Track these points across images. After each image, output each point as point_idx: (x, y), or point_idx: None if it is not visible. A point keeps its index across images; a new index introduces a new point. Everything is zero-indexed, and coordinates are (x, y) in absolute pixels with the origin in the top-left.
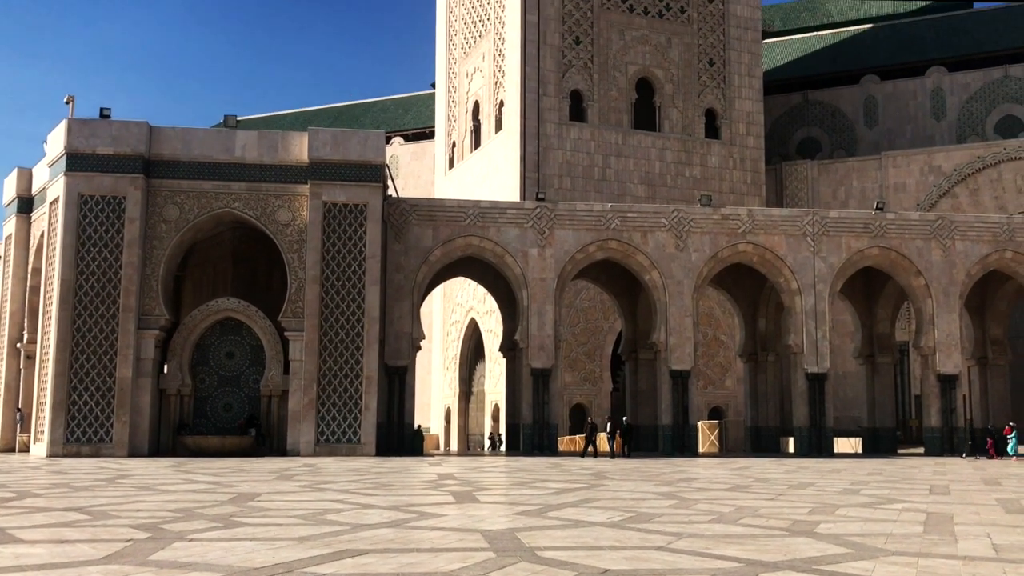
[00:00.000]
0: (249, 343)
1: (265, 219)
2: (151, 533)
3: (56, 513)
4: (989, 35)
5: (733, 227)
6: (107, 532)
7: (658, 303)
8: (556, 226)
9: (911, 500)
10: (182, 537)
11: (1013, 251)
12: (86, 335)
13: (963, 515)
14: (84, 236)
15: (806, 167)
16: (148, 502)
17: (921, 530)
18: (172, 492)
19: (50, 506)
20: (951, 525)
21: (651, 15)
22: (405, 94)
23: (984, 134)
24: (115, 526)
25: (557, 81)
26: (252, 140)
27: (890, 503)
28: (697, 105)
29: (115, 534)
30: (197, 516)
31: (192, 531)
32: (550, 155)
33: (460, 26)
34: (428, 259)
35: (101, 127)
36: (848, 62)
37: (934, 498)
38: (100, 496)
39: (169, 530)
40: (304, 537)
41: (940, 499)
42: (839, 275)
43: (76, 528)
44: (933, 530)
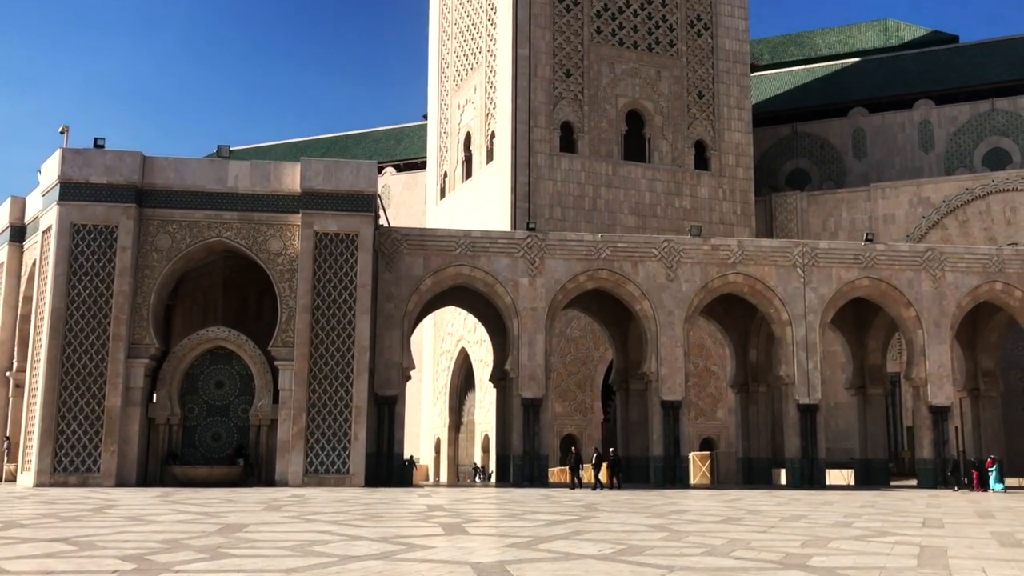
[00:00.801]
0: (239, 372)
1: (256, 248)
2: (137, 564)
3: (42, 544)
4: (976, 69)
5: (723, 258)
6: (93, 563)
7: (649, 333)
8: (547, 256)
9: (904, 533)
10: (169, 568)
11: (1003, 282)
12: (75, 364)
13: (957, 548)
14: (76, 265)
15: (795, 198)
16: (135, 533)
17: (915, 563)
18: (159, 523)
19: (36, 536)
20: (945, 559)
21: (641, 49)
22: (397, 125)
23: (972, 166)
24: (101, 557)
25: (548, 113)
26: (245, 170)
27: (883, 536)
28: (687, 137)
29: (101, 565)
30: (184, 547)
31: (179, 562)
32: (541, 186)
33: (452, 59)
34: (419, 288)
35: (95, 157)
36: (836, 95)
37: (928, 531)
38: (87, 527)
39: (156, 561)
40: (292, 569)
41: (934, 532)
42: (829, 306)
43: (62, 559)
44: (927, 564)
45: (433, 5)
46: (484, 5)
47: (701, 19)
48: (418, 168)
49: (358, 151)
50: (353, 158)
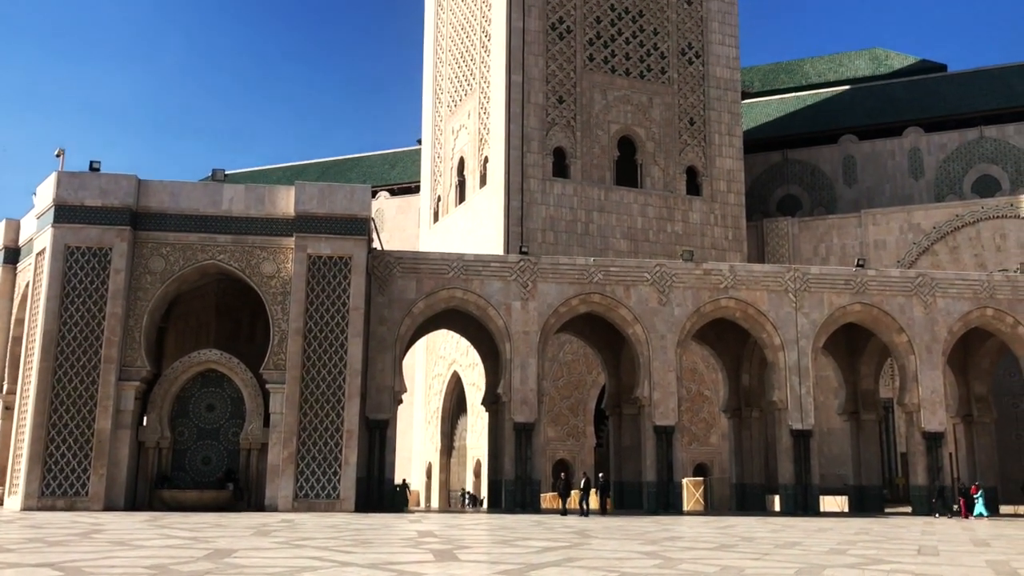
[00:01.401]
0: (230, 395)
1: (250, 271)
2: None
3: (27, 569)
4: (964, 97)
5: (715, 282)
6: None
7: (641, 357)
8: (539, 279)
9: (900, 561)
10: None
11: (994, 308)
12: (66, 386)
13: None
14: (69, 287)
15: (787, 224)
16: (122, 558)
17: None
18: (147, 547)
19: (22, 561)
20: None
21: (633, 76)
22: (392, 150)
23: (962, 193)
24: None
25: (541, 138)
26: (239, 193)
27: (878, 564)
28: (678, 163)
29: None
30: (172, 573)
31: None
32: (533, 210)
33: (446, 85)
34: (411, 311)
35: (90, 180)
36: (826, 122)
37: (923, 559)
38: (73, 551)
39: None
40: None
41: (929, 560)
42: (822, 331)
43: None
44: None
45: (428, 32)
46: (478, 32)
47: (692, 47)
48: (412, 192)
49: (353, 175)
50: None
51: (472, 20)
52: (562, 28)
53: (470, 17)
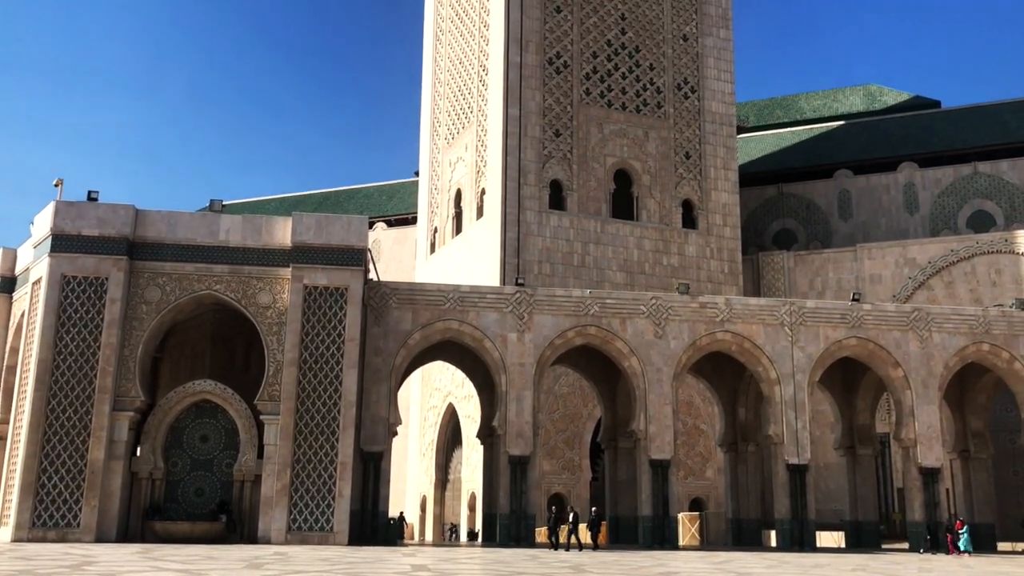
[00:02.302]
0: (224, 426)
1: (246, 301)
2: None
3: None
4: (958, 133)
5: (711, 315)
6: None
7: (637, 390)
8: (535, 311)
9: None
10: None
11: (990, 343)
12: (60, 416)
13: None
14: (64, 316)
15: (782, 258)
16: None
17: None
18: None
19: None
20: None
21: (629, 110)
22: (389, 181)
23: (957, 228)
24: None
25: (537, 171)
26: (237, 224)
27: None
28: (674, 196)
29: None
30: None
31: None
32: (530, 242)
33: (444, 117)
34: (407, 343)
35: (88, 209)
36: (822, 157)
37: None
38: None
39: None
40: None
41: None
42: (817, 365)
43: None
44: None
45: (426, 66)
46: (476, 66)
47: (688, 82)
48: (409, 223)
49: (350, 206)
50: (345, 213)
51: (470, 54)
52: (559, 63)
53: (468, 51)
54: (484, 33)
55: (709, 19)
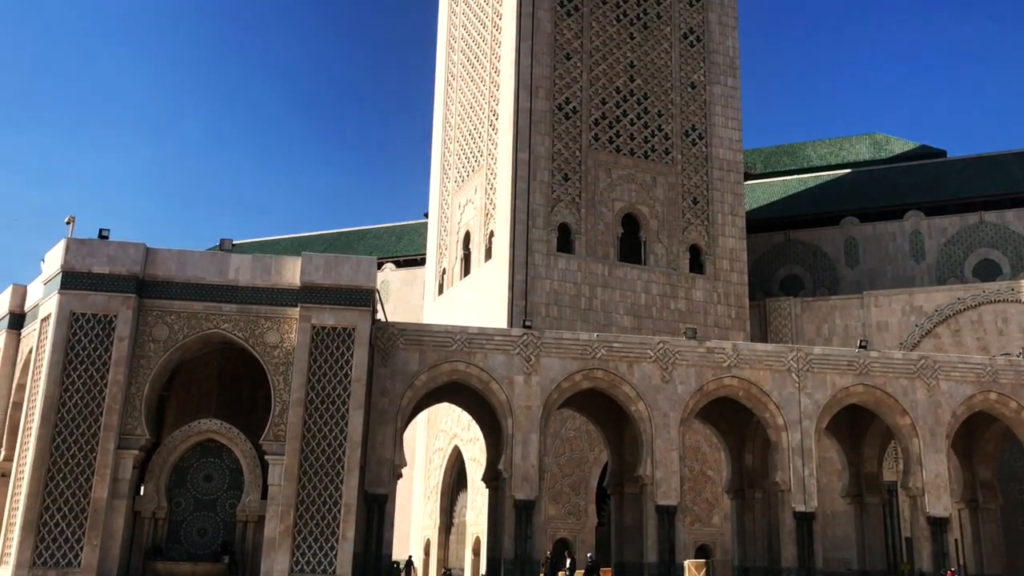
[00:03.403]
0: (228, 466)
1: (254, 341)
2: None
3: None
4: (964, 183)
5: (718, 361)
6: None
7: (644, 435)
8: (542, 354)
9: None
10: None
11: (998, 393)
12: (64, 453)
13: None
14: (72, 353)
15: (789, 304)
16: None
17: None
18: None
19: None
20: None
21: (637, 155)
22: (398, 223)
23: (963, 276)
24: None
25: (546, 214)
26: (246, 263)
27: None
28: (682, 241)
29: None
30: None
31: None
32: (538, 284)
33: (454, 160)
34: (414, 384)
35: (99, 247)
36: (828, 204)
37: None
38: None
39: None
40: None
41: None
42: (825, 412)
43: None
44: None
45: (437, 110)
46: (487, 111)
47: (696, 129)
48: (417, 264)
49: (360, 247)
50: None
51: (481, 99)
52: (568, 108)
53: (479, 96)
54: (495, 79)
55: (717, 67)
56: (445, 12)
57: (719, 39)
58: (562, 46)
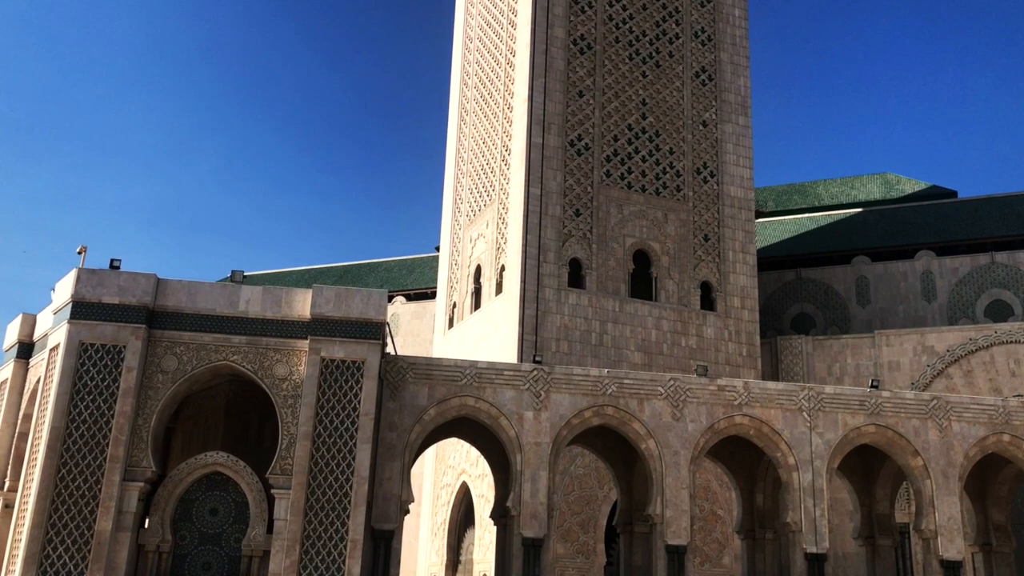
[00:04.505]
0: (234, 499)
1: (262, 373)
2: None
3: None
4: (975, 223)
5: (730, 398)
6: None
7: (654, 473)
8: (552, 389)
9: None
10: None
11: (1011, 435)
12: (69, 485)
13: None
14: (80, 383)
15: (801, 342)
16: None
17: None
18: None
19: None
20: None
21: (648, 192)
22: (410, 256)
23: (975, 317)
24: None
25: (557, 249)
26: (257, 295)
27: None
28: (693, 277)
29: None
30: None
31: None
32: (548, 319)
33: (466, 195)
34: (422, 418)
35: (109, 277)
36: (839, 243)
37: None
38: None
39: None
40: None
41: None
42: (836, 452)
43: None
44: None
45: (450, 145)
46: (499, 146)
47: (707, 167)
48: (428, 298)
49: (370, 279)
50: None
51: (493, 135)
52: (580, 145)
53: (491, 132)
54: (508, 115)
55: (728, 106)
56: (459, 49)
57: (731, 78)
58: (575, 83)
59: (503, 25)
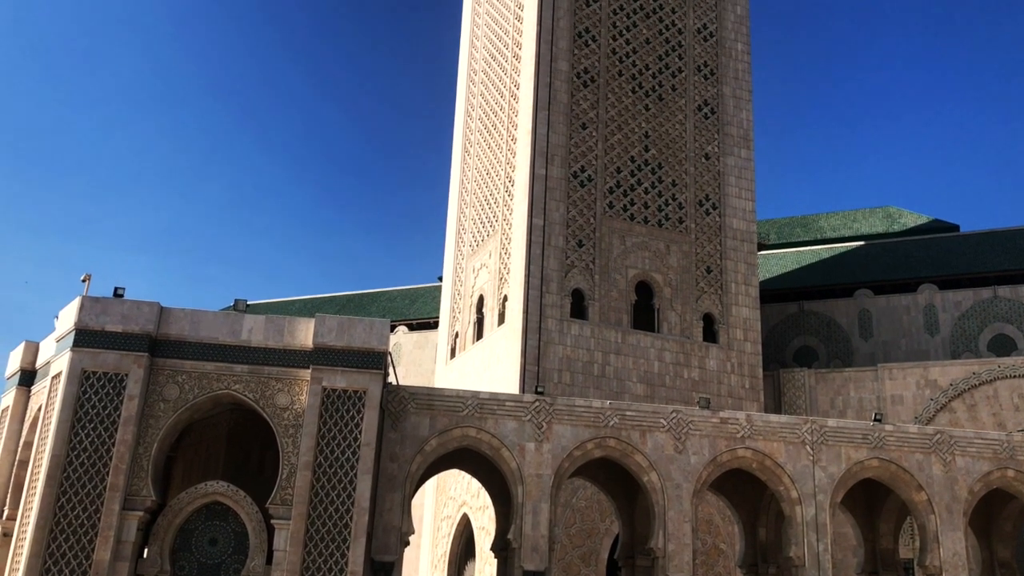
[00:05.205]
0: (234, 529)
1: (264, 402)
2: None
3: None
4: (977, 257)
5: (732, 431)
6: None
7: (656, 506)
8: (554, 421)
9: None
10: None
11: (1015, 470)
12: (68, 514)
13: None
14: (81, 412)
15: (803, 375)
16: None
17: None
18: None
19: None
20: None
21: (651, 224)
22: (412, 285)
23: (978, 351)
24: None
25: (560, 280)
26: (259, 324)
27: None
28: (695, 309)
29: None
30: None
31: None
32: (550, 350)
33: (469, 225)
34: (423, 449)
35: (113, 305)
36: (842, 276)
37: None
38: None
39: None
40: None
41: None
42: (839, 486)
43: None
44: None
45: (454, 175)
46: (503, 177)
47: (710, 199)
48: (430, 328)
49: (373, 309)
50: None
51: (497, 166)
52: (583, 176)
53: (495, 163)
54: (511, 146)
55: (731, 139)
56: (463, 82)
57: (733, 112)
58: (578, 116)
59: (507, 58)
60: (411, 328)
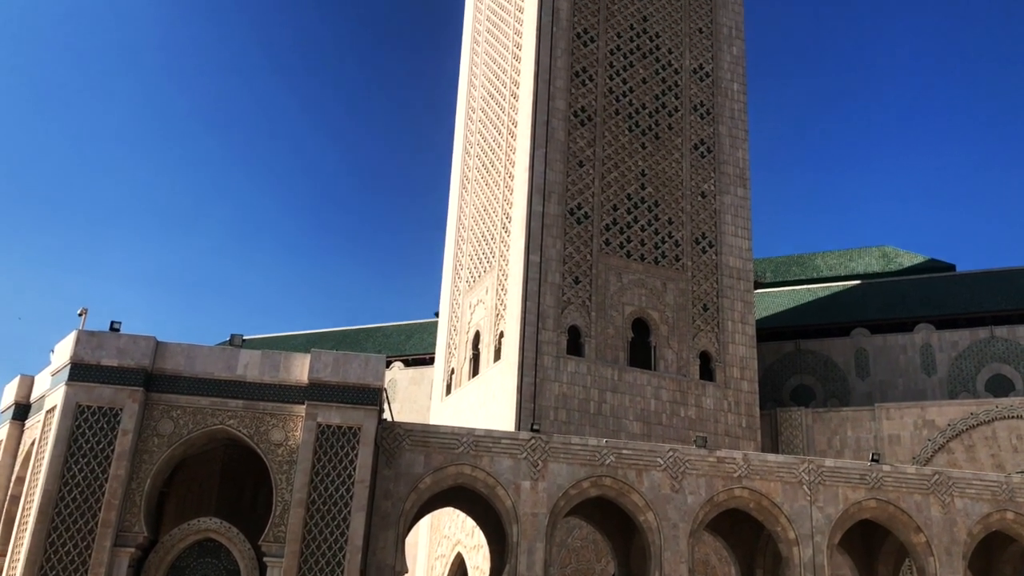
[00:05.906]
0: (227, 567)
1: (258, 438)
2: None
3: None
4: (973, 297)
5: (729, 471)
6: None
7: (653, 546)
8: (550, 459)
9: None
10: None
11: (1014, 512)
12: (59, 550)
13: None
14: (75, 446)
15: (800, 414)
16: None
17: None
18: None
19: None
20: None
21: (647, 261)
22: (408, 321)
23: (975, 391)
24: None
25: (556, 316)
26: (255, 359)
27: None
28: (692, 347)
29: None
30: None
31: None
32: (546, 387)
33: (466, 261)
34: (418, 487)
35: (109, 340)
36: (838, 315)
37: None
38: None
39: None
40: None
41: None
42: (837, 526)
43: None
44: None
45: (451, 212)
46: (500, 214)
47: (706, 237)
48: (426, 363)
49: (369, 345)
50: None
51: (494, 203)
52: (580, 213)
53: (492, 200)
54: (509, 183)
55: (727, 177)
56: (461, 120)
57: (729, 150)
58: (575, 153)
59: (505, 96)
60: (407, 364)
